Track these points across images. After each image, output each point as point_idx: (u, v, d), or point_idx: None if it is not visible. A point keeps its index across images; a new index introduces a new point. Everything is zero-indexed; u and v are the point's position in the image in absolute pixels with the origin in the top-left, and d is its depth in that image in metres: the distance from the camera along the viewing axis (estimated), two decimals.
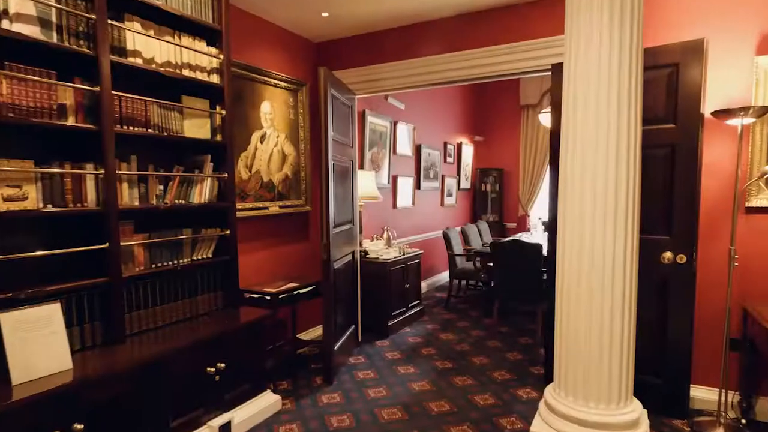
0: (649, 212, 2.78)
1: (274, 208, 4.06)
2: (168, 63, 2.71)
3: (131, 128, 2.52)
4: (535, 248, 4.49)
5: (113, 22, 2.39)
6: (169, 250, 2.76)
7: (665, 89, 2.82)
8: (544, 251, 4.49)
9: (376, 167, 5.45)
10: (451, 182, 7.42)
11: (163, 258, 2.73)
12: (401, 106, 5.86)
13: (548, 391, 2.35)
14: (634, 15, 2.01)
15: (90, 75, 2.32)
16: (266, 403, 3.02)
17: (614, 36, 1.99)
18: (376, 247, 4.85)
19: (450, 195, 7.41)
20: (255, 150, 3.87)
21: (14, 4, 2.05)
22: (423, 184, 6.55)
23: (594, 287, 2.08)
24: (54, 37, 2.19)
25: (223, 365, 2.68)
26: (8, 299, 2.04)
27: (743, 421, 2.80)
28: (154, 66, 2.63)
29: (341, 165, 3.87)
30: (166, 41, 2.68)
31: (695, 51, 2.72)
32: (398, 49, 4.06)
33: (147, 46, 2.60)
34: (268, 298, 3.38)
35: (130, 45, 2.52)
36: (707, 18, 2.87)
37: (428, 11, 3.73)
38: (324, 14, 3.78)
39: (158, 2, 2.59)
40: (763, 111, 2.56)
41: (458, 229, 6.32)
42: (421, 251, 5.29)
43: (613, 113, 2.00)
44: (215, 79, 2.98)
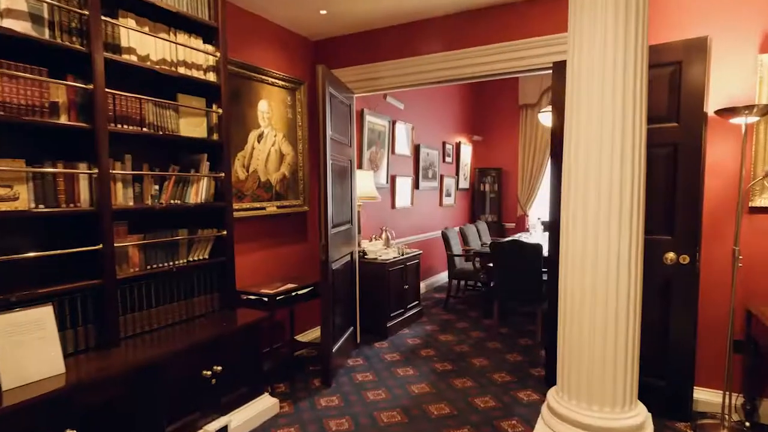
0: (652, 212, 2.74)
1: (272, 209, 4.02)
2: (163, 60, 2.66)
3: (126, 127, 2.47)
4: (535, 249, 4.45)
5: (107, 19, 2.34)
6: (165, 251, 2.71)
7: (668, 88, 2.78)
8: (545, 252, 4.46)
9: (375, 167, 5.41)
10: (450, 182, 7.39)
11: (159, 259, 2.68)
12: (400, 106, 5.82)
13: (551, 395, 2.31)
14: (639, 12, 1.98)
15: (83, 72, 2.27)
16: (263, 407, 2.97)
17: (619, 33, 1.96)
18: (375, 248, 4.81)
19: (449, 195, 7.37)
20: (252, 149, 3.83)
21: (5, 0, 2.00)
22: (421, 184, 6.52)
23: (598, 288, 2.04)
24: (46, 34, 2.14)
25: (220, 368, 2.64)
26: None
27: (747, 424, 2.77)
28: (149, 63, 2.58)
29: (339, 164, 3.83)
30: (162, 38, 2.63)
31: (698, 49, 2.68)
32: (397, 48, 4.02)
33: (142, 43, 2.55)
34: (266, 300, 3.33)
35: (125, 42, 2.47)
36: (710, 16, 2.84)
37: (427, 9, 3.69)
38: (322, 12, 3.73)
39: None
40: None
41: (457, 229, 6.29)
42: (420, 251, 5.25)
43: (618, 112, 1.97)
44: (212, 77, 2.93)
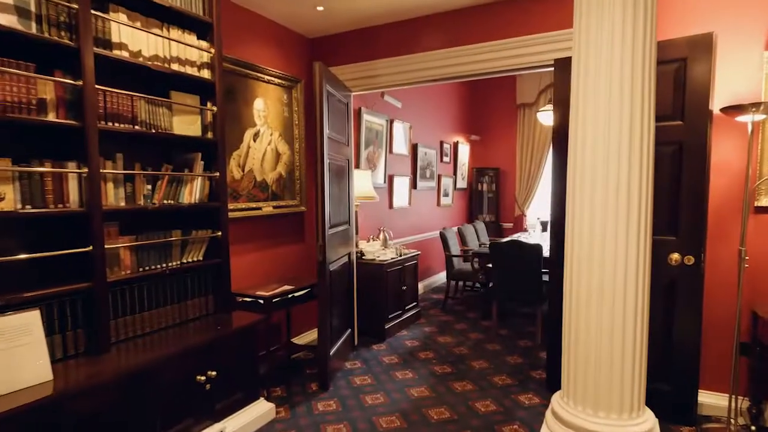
0: (656, 212, 2.65)
1: (268, 209, 3.94)
2: (156, 57, 2.59)
3: (117, 125, 2.39)
4: (535, 249, 4.39)
5: (97, 13, 2.27)
6: (158, 253, 2.64)
7: (672, 85, 2.73)
8: (545, 252, 4.40)
9: (372, 166, 5.34)
10: (448, 182, 7.33)
11: (151, 261, 2.60)
12: (398, 104, 5.75)
13: (555, 400, 2.25)
14: (648, 8, 1.91)
15: (72, 68, 2.20)
16: (259, 412, 2.90)
17: (627, 29, 1.89)
18: (373, 248, 4.74)
19: (446, 195, 7.31)
20: (248, 148, 3.75)
21: None
22: (419, 184, 6.45)
23: (605, 290, 1.98)
24: (33, 28, 2.06)
25: (214, 373, 2.56)
26: None
27: (753, 428, 2.72)
28: (141, 59, 2.51)
29: (337, 164, 3.76)
30: (154, 34, 2.55)
31: (704, 45, 2.63)
32: (396, 45, 3.95)
33: (133, 39, 2.48)
34: (262, 302, 3.25)
35: (116, 37, 2.40)
36: (715, 12, 2.78)
37: (427, 5, 3.62)
38: (319, 8, 3.66)
39: None
40: None
41: (455, 230, 6.22)
42: (418, 252, 5.19)
43: (626, 110, 1.90)
44: (206, 74, 2.86)
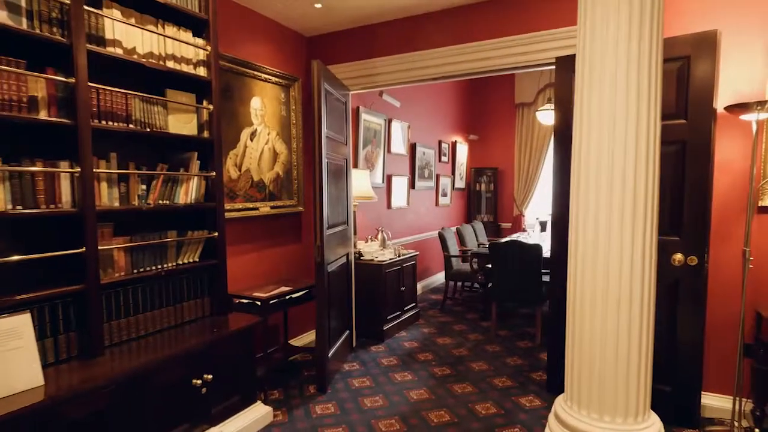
0: (659, 212, 2.65)
1: (265, 209, 3.89)
2: (151, 54, 2.53)
3: (110, 123, 2.34)
4: (535, 249, 4.36)
5: (90, 9, 2.21)
6: (153, 254, 2.58)
7: (675, 83, 2.69)
8: (544, 252, 4.37)
9: (370, 166, 5.29)
10: (446, 182, 7.29)
11: (146, 262, 2.55)
12: (396, 104, 5.70)
13: (558, 403, 2.21)
14: (654, 5, 1.87)
15: (64, 65, 2.14)
16: (257, 416, 2.85)
17: (633, 25, 1.85)
18: (371, 249, 4.70)
19: (445, 195, 7.27)
20: (245, 148, 3.70)
21: None
22: (418, 184, 6.41)
23: (611, 290, 1.94)
24: (24, 24, 2.01)
25: (210, 377, 2.51)
26: None
27: (757, 431, 2.68)
28: (136, 57, 2.46)
29: (335, 163, 3.71)
30: (149, 30, 2.50)
31: (707, 43, 2.60)
32: (395, 43, 3.90)
33: (128, 36, 2.42)
34: (259, 304, 3.21)
35: (109, 34, 2.34)
36: (720, 9, 2.75)
37: (427, 2, 3.57)
38: (317, 5, 3.61)
39: None
40: None
41: (454, 230, 6.18)
42: (417, 252, 5.15)
43: (633, 108, 1.86)
44: (202, 72, 2.81)
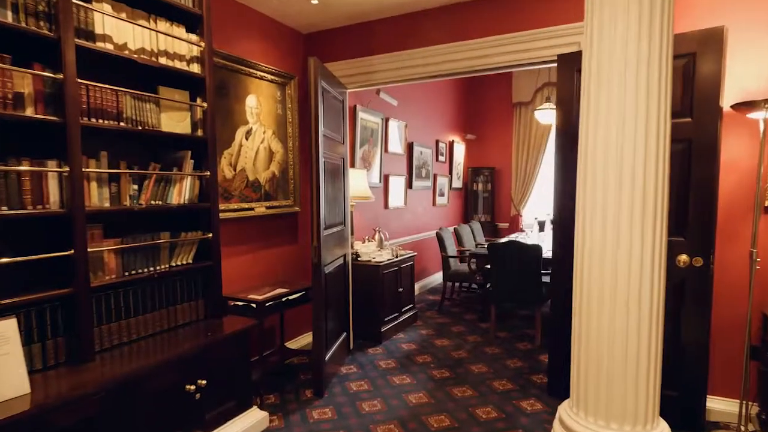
0: None
1: (261, 209, 3.82)
2: (142, 50, 2.45)
3: (101, 121, 2.26)
4: (535, 250, 4.30)
5: (79, 2, 2.14)
6: (145, 256, 2.51)
7: (681, 81, 2.64)
8: (544, 252, 4.32)
9: (367, 165, 5.22)
10: (443, 181, 7.23)
11: (138, 265, 2.47)
12: (393, 102, 5.64)
13: (563, 410, 2.15)
14: (665, 4, 1.81)
15: (52, 61, 2.06)
16: (252, 421, 2.78)
17: (643, 25, 1.79)
18: (368, 249, 4.63)
19: (442, 194, 7.22)
20: (240, 147, 3.62)
21: None
22: (415, 183, 6.35)
23: (619, 288, 1.88)
24: (9, 17, 1.93)
25: (204, 382, 2.44)
26: None
27: None
28: (127, 53, 2.38)
29: (332, 163, 3.64)
30: (140, 25, 2.42)
31: (714, 40, 2.54)
32: (393, 40, 3.83)
33: (118, 31, 2.35)
34: (254, 306, 3.14)
35: (99, 29, 2.26)
36: (727, 5, 2.69)
37: None
38: (313, 2, 3.54)
39: None
40: None
41: (451, 230, 6.13)
42: (415, 253, 5.08)
43: (642, 107, 1.81)
44: (196, 69, 2.73)
